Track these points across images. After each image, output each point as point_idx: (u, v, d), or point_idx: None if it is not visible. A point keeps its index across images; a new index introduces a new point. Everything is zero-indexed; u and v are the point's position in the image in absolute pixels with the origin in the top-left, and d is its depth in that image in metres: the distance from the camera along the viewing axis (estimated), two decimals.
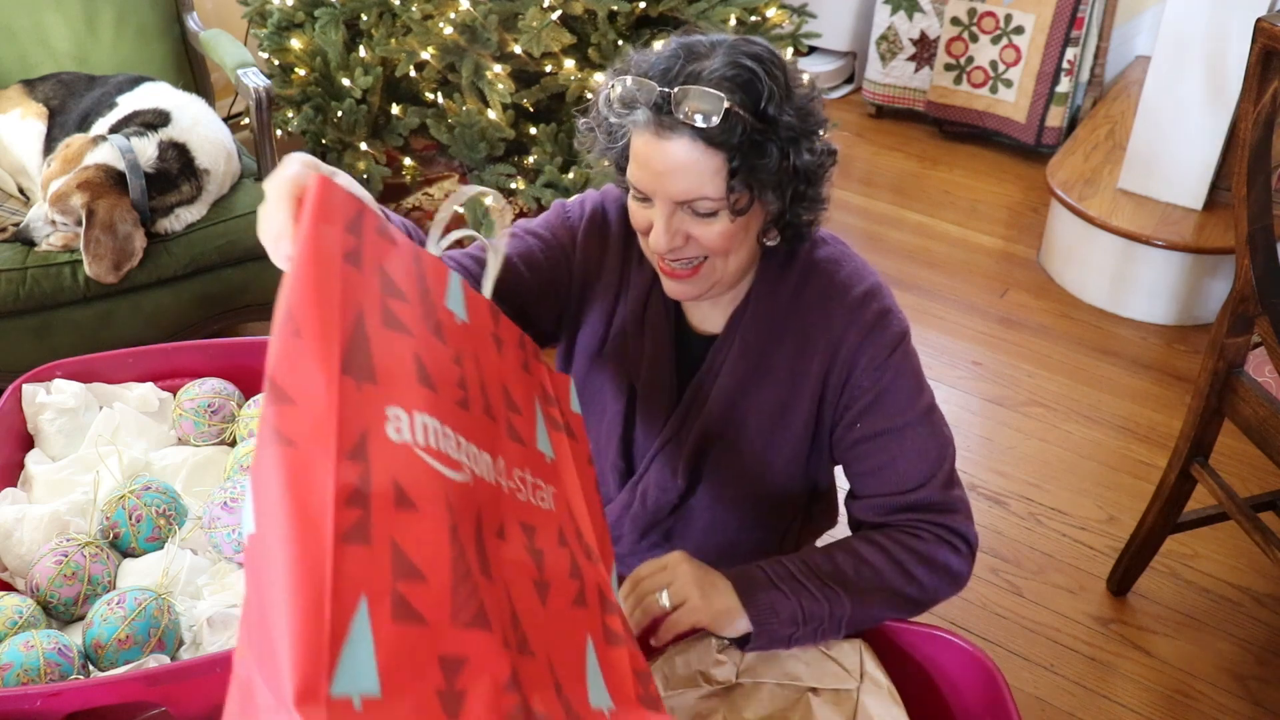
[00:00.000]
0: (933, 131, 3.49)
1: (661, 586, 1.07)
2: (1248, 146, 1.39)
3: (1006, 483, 2.04)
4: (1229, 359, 1.54)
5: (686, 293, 1.12)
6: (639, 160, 1.04)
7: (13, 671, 1.16)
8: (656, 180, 1.03)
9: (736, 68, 1.00)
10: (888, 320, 1.16)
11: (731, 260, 1.09)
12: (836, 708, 1.10)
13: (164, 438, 1.63)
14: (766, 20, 2.38)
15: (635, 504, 1.30)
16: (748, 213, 1.05)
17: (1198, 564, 1.87)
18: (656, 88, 1.00)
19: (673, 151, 1.00)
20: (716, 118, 0.98)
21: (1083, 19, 3.07)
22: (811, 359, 1.17)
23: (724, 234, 1.05)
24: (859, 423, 1.17)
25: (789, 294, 1.17)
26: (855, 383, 1.16)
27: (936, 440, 1.17)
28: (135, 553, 1.41)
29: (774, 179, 1.04)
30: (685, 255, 1.07)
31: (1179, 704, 1.62)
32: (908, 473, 1.15)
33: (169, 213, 1.93)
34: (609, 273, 1.22)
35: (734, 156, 1.00)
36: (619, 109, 1.04)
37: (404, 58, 2.18)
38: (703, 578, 1.08)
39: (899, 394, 1.16)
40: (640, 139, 1.03)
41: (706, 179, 1.01)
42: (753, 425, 1.22)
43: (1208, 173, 2.48)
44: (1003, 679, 1.13)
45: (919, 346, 1.25)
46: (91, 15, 2.25)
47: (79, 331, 1.92)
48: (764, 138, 1.01)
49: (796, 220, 1.10)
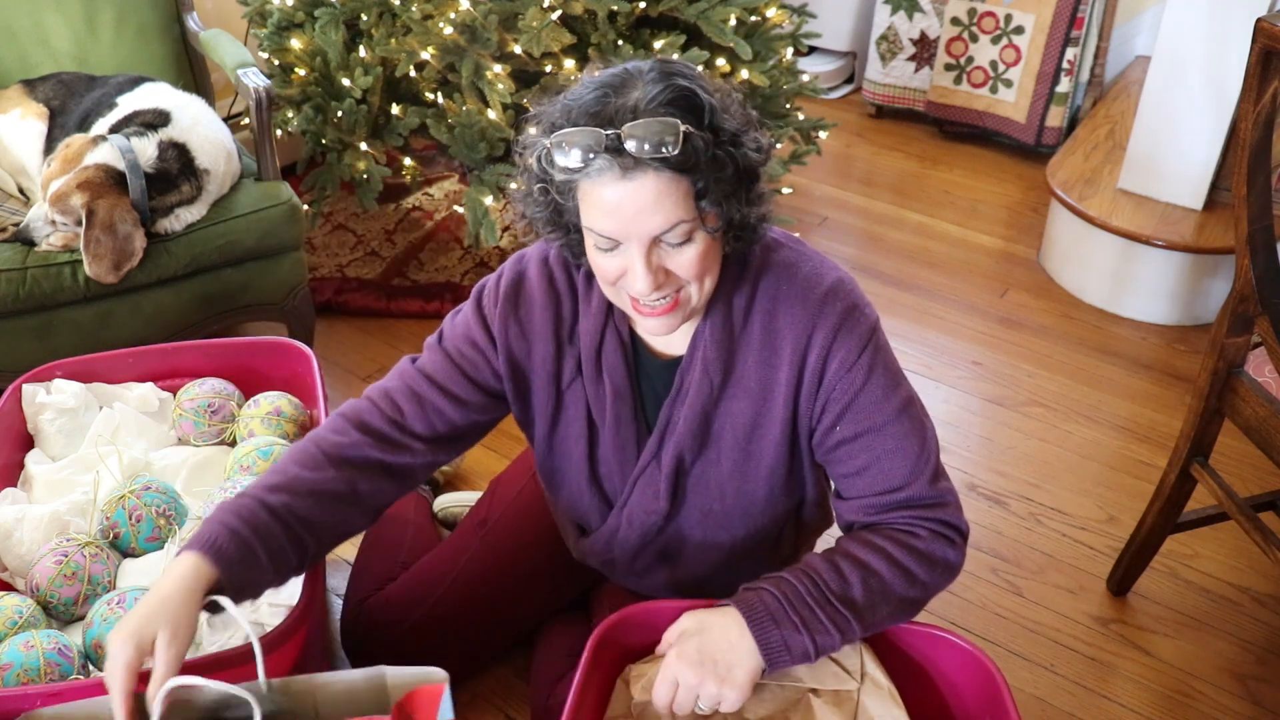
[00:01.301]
0: (933, 131, 3.49)
1: (693, 700, 1.07)
2: (1248, 146, 1.39)
3: (1006, 483, 2.04)
4: (1229, 359, 1.54)
5: (668, 327, 1.11)
6: (604, 209, 1.00)
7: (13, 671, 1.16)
8: (630, 223, 1.00)
9: (673, 90, 0.99)
10: (854, 317, 1.14)
11: (708, 283, 1.09)
12: (837, 709, 1.10)
13: (164, 438, 1.63)
14: (767, 20, 2.38)
15: (622, 528, 1.30)
16: (717, 229, 1.05)
17: (1198, 564, 1.87)
18: (603, 132, 0.97)
19: (642, 189, 0.98)
20: (676, 146, 0.96)
21: (1083, 19, 3.07)
22: (779, 367, 1.16)
23: (700, 257, 1.05)
24: (838, 425, 1.16)
25: (745, 305, 1.16)
26: (829, 386, 1.14)
27: (918, 433, 1.16)
28: (135, 553, 1.41)
29: (732, 189, 1.03)
30: (665, 293, 1.06)
31: (1179, 704, 1.62)
32: (894, 470, 1.15)
33: (169, 213, 1.93)
34: (541, 341, 1.22)
35: (699, 177, 0.99)
36: (564, 166, 1.00)
37: (404, 58, 2.18)
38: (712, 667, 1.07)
39: (875, 391, 1.14)
40: (600, 188, 1.00)
41: (679, 207, 1.00)
42: (728, 439, 1.21)
43: (1208, 173, 2.48)
44: (1002, 679, 1.13)
45: (919, 346, 1.25)
46: (91, 15, 2.25)
47: (79, 331, 1.92)
48: (720, 150, 1.01)
49: (753, 222, 1.10)
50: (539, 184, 1.07)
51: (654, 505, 1.26)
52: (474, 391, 1.23)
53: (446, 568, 1.52)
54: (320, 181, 2.41)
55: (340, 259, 2.63)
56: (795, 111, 2.58)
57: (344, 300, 2.50)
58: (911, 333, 2.47)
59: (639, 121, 0.96)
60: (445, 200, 2.88)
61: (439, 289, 2.53)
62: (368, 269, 2.60)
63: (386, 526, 1.70)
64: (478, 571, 1.50)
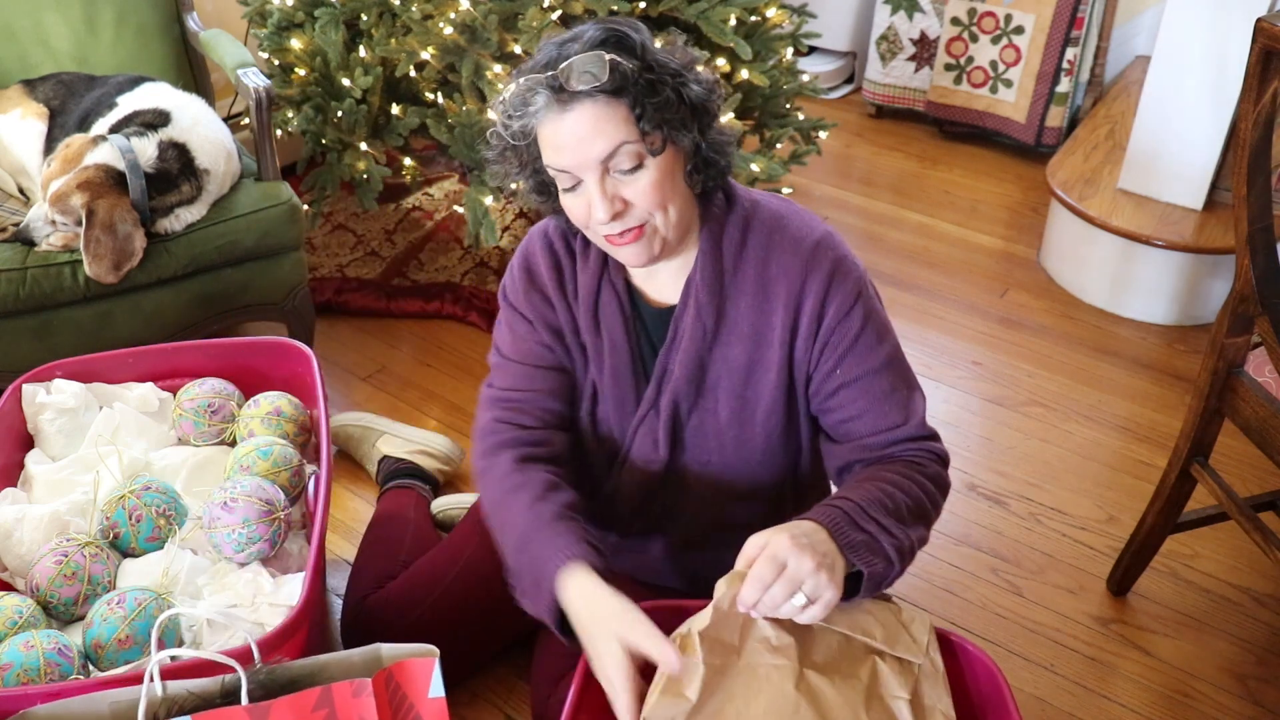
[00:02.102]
0: (933, 131, 3.49)
1: (791, 591, 1.00)
2: (1248, 146, 1.39)
3: (1006, 483, 2.05)
4: (1229, 359, 1.54)
5: (639, 255, 1.16)
6: (553, 144, 1.11)
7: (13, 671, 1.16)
8: (575, 151, 1.09)
9: (605, 32, 1.10)
10: (845, 266, 1.20)
11: (671, 212, 1.14)
12: (899, 677, 1.08)
13: (164, 438, 1.63)
14: (767, 20, 2.38)
15: (625, 481, 1.33)
16: (663, 153, 1.11)
17: (1198, 564, 1.87)
18: (543, 76, 1.09)
19: (580, 118, 1.08)
20: (604, 72, 1.07)
21: (1083, 19, 3.07)
22: (774, 312, 1.21)
23: (654, 184, 1.11)
24: (838, 369, 1.21)
25: (735, 250, 1.21)
26: (827, 331, 1.20)
27: (908, 374, 1.24)
28: (135, 553, 1.41)
29: (676, 116, 1.11)
30: (628, 223, 1.13)
31: (1179, 704, 1.62)
32: (892, 411, 1.21)
33: (169, 213, 1.93)
34: (558, 303, 1.28)
35: (634, 101, 1.08)
36: (517, 113, 1.12)
37: (404, 58, 2.18)
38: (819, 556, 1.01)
39: (870, 337, 1.20)
40: (547, 125, 1.10)
41: (620, 129, 1.08)
42: (724, 386, 1.25)
43: (1208, 173, 2.48)
44: (1003, 678, 1.13)
45: (919, 346, 1.27)
46: (91, 15, 2.25)
47: (79, 331, 1.92)
48: (653, 76, 1.09)
49: (711, 156, 1.17)
50: (507, 148, 1.17)
51: (653, 454, 1.29)
52: (549, 375, 1.30)
53: (447, 566, 1.52)
54: (320, 181, 2.41)
55: (340, 259, 2.63)
56: (795, 111, 2.58)
57: (344, 300, 2.50)
58: (911, 333, 2.47)
59: (573, 59, 1.07)
60: (445, 200, 2.88)
61: (439, 289, 2.53)
62: (368, 269, 2.60)
63: (386, 525, 1.71)
64: (478, 570, 1.50)
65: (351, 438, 2.01)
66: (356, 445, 2.00)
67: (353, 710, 1.01)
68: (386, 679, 1.03)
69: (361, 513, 1.91)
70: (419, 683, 1.05)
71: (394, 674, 1.04)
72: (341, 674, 1.05)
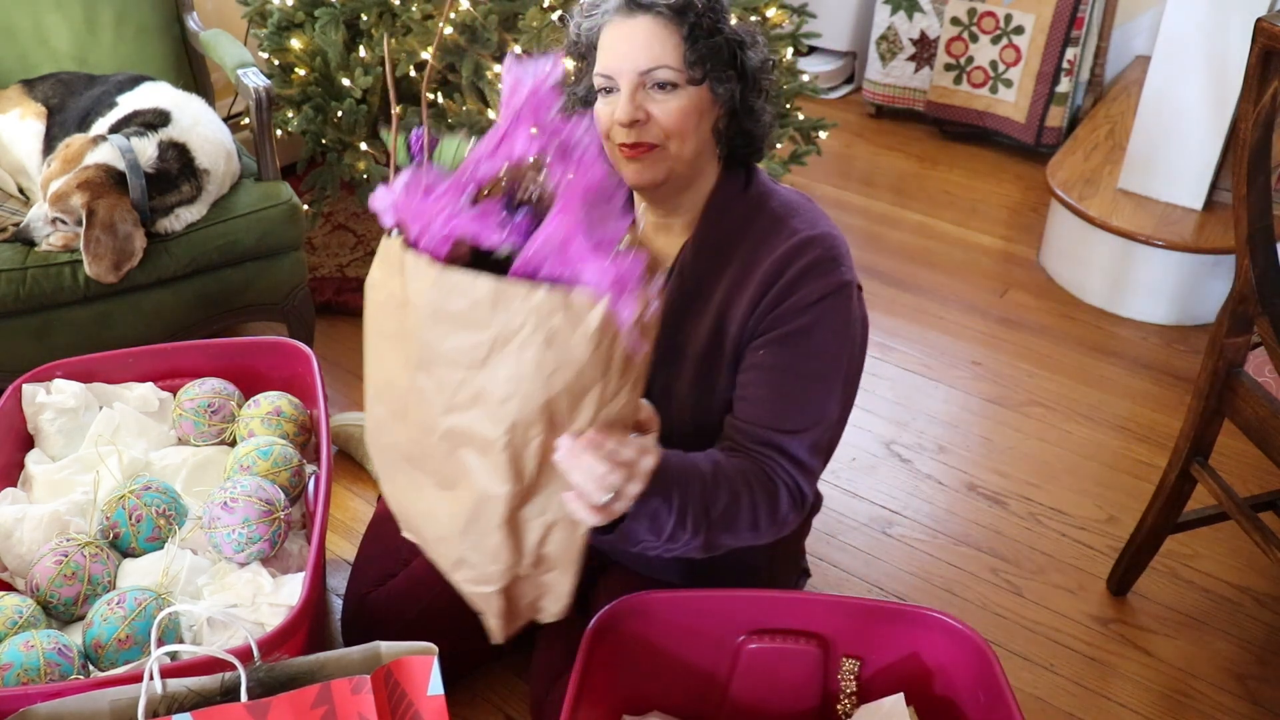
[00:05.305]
0: (933, 131, 3.49)
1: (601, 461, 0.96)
2: (1248, 146, 1.39)
3: (1006, 483, 2.05)
4: (1229, 359, 1.54)
5: (642, 174, 1.19)
6: (607, 47, 1.18)
7: (13, 671, 1.16)
8: (624, 56, 1.16)
9: None
10: (832, 269, 1.21)
11: (686, 145, 1.18)
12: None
13: (164, 438, 1.63)
14: (767, 20, 2.38)
15: None
16: (700, 86, 1.17)
17: (1198, 564, 1.87)
18: None
19: (638, 27, 1.16)
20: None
21: (1083, 19, 3.07)
22: (746, 290, 1.22)
23: (681, 110, 1.17)
24: (764, 349, 1.21)
25: (735, 224, 1.24)
26: (780, 313, 1.20)
27: (825, 409, 1.21)
28: (135, 553, 1.41)
29: (722, 62, 1.18)
30: (645, 138, 1.17)
31: (1179, 704, 1.62)
32: (786, 417, 1.19)
33: (169, 213, 1.93)
34: None
35: (690, 31, 1.16)
36: (590, 13, 1.21)
37: (404, 58, 2.18)
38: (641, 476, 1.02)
39: (813, 342, 1.20)
40: (609, 29, 1.19)
41: (668, 49, 1.16)
42: (690, 356, 1.26)
43: (1208, 173, 2.48)
44: (993, 654, 1.14)
45: (919, 346, 1.26)
46: (91, 15, 2.25)
47: (79, 331, 1.92)
48: (714, 21, 1.17)
49: (747, 126, 1.22)
50: (579, 53, 1.24)
51: None
52: None
53: None
54: (320, 181, 2.41)
55: (340, 259, 2.63)
56: (795, 111, 2.57)
57: (344, 300, 2.50)
58: (911, 333, 2.47)
59: None
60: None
61: None
62: (368, 269, 2.59)
63: (387, 524, 1.70)
64: None
65: (351, 438, 2.01)
66: (356, 445, 2.00)
67: (352, 707, 1.01)
68: (386, 676, 1.04)
69: (361, 513, 1.91)
70: (418, 680, 1.05)
71: (393, 671, 1.04)
72: (341, 671, 1.06)
